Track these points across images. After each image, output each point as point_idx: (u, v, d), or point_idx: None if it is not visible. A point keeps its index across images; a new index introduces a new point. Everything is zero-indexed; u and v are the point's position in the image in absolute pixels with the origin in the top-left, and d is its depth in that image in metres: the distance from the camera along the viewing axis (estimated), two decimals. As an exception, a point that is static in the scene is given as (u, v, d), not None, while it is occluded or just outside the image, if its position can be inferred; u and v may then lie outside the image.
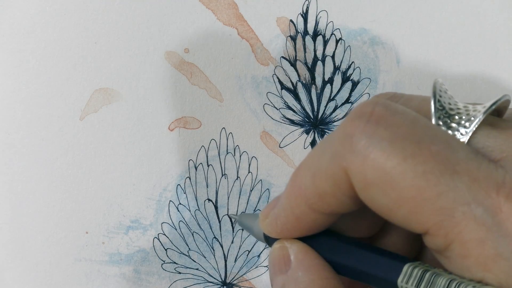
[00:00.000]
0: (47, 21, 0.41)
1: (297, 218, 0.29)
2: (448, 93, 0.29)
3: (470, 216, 0.25)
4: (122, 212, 0.41)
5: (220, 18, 0.42)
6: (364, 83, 0.42)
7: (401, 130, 0.26)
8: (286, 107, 0.42)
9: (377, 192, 0.26)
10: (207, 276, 0.42)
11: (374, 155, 0.25)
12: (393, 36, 0.42)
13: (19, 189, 0.41)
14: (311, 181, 0.28)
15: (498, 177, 0.25)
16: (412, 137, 0.26)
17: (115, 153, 0.41)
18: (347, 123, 0.27)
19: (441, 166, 0.25)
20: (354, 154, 0.26)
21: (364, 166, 0.26)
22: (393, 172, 0.25)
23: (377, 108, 0.27)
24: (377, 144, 0.26)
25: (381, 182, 0.25)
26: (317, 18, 0.42)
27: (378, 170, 0.25)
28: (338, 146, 0.27)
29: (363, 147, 0.26)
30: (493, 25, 0.42)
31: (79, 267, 0.41)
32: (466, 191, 0.25)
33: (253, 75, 0.42)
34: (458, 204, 0.25)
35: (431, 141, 0.26)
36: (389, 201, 0.26)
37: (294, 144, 0.42)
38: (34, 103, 0.41)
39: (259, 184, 0.42)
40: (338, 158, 0.27)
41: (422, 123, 0.27)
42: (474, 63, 0.42)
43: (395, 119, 0.26)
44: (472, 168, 0.25)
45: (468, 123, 0.27)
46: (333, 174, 0.27)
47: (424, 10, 0.42)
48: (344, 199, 0.27)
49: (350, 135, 0.26)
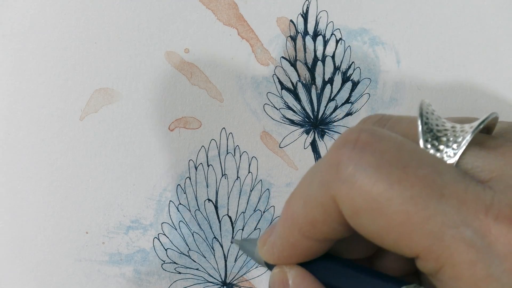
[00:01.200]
0: (47, 21, 0.41)
1: (292, 246, 0.29)
2: (435, 113, 0.29)
3: (460, 239, 0.25)
4: (122, 212, 0.41)
5: (220, 18, 0.42)
6: (364, 83, 0.42)
7: (387, 155, 0.26)
8: (286, 107, 0.42)
9: (366, 219, 0.26)
10: (207, 276, 0.42)
11: (361, 182, 0.26)
12: (393, 36, 0.42)
13: (19, 189, 0.41)
14: (302, 209, 0.28)
15: (487, 199, 0.25)
16: (398, 162, 0.26)
17: (115, 153, 0.41)
18: (333, 151, 0.27)
19: (428, 190, 0.25)
20: (341, 181, 0.26)
21: (352, 193, 0.26)
22: (381, 198, 0.25)
23: (363, 135, 0.27)
24: (363, 170, 0.26)
25: (369, 209, 0.26)
26: (317, 18, 0.42)
27: (366, 197, 0.25)
28: (325, 174, 0.27)
29: (349, 174, 0.26)
30: (493, 25, 0.42)
31: (79, 267, 0.41)
32: (454, 214, 0.25)
33: (253, 75, 0.42)
34: (447, 227, 0.25)
35: (417, 165, 0.26)
36: (378, 227, 0.26)
37: (294, 144, 0.42)
38: (34, 103, 0.41)
39: (259, 184, 0.42)
40: (326, 186, 0.27)
41: (409, 148, 0.27)
42: (474, 63, 0.42)
43: (381, 145, 0.26)
44: (459, 191, 0.25)
45: (456, 144, 0.27)
46: (323, 202, 0.27)
47: (424, 10, 0.42)
48: (335, 226, 0.28)
49: (337, 162, 0.26)
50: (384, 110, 0.42)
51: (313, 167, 0.29)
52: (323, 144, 0.42)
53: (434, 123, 0.28)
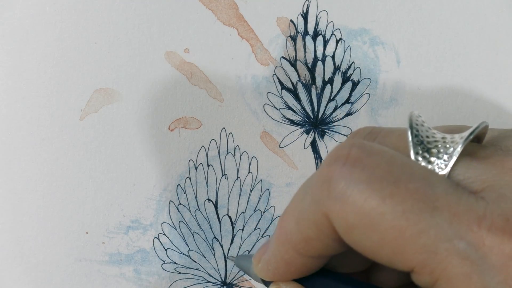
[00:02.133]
0: (47, 21, 0.41)
1: (287, 263, 0.29)
2: (425, 125, 0.29)
3: (454, 252, 0.25)
4: (122, 212, 0.41)
5: (220, 18, 0.42)
6: (364, 83, 0.42)
7: (378, 170, 0.26)
8: (286, 107, 0.42)
9: (359, 235, 0.26)
10: (207, 276, 0.42)
11: (353, 198, 0.25)
12: (393, 36, 0.42)
13: (19, 189, 0.41)
14: (295, 227, 0.28)
15: (479, 210, 0.25)
16: (390, 176, 0.26)
17: (115, 153, 0.41)
18: (324, 167, 0.27)
19: (420, 203, 0.25)
20: (333, 198, 0.26)
21: (344, 210, 0.26)
22: (373, 213, 0.25)
23: (353, 150, 0.27)
24: (355, 186, 0.25)
25: (362, 225, 0.25)
26: (317, 18, 0.42)
27: (358, 213, 0.25)
28: (317, 191, 0.27)
29: (341, 190, 0.26)
30: (493, 25, 0.42)
31: (79, 267, 0.41)
32: (447, 227, 0.25)
33: (253, 75, 0.42)
34: (440, 240, 0.25)
35: (408, 179, 0.26)
36: (372, 243, 0.26)
37: (294, 144, 0.42)
38: (34, 103, 0.41)
39: (259, 184, 0.42)
40: (318, 204, 0.27)
41: (399, 162, 0.26)
42: (474, 63, 0.42)
43: (372, 160, 0.26)
44: (451, 203, 0.25)
45: (447, 155, 0.27)
46: (315, 220, 0.27)
47: (424, 10, 0.42)
48: (329, 243, 0.28)
49: (328, 179, 0.26)
50: (384, 110, 0.42)
51: (305, 184, 0.29)
52: (323, 144, 0.42)
53: (424, 135, 0.28)
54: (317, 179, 0.27)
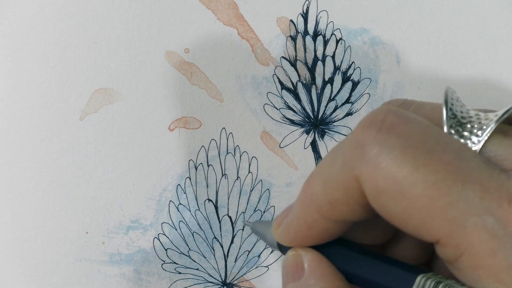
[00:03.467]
0: (47, 21, 0.41)
1: (309, 227, 0.29)
2: (459, 101, 0.29)
3: (482, 227, 0.24)
4: (122, 212, 0.41)
5: (220, 18, 0.42)
6: (364, 83, 0.42)
7: (412, 139, 0.26)
8: (286, 107, 0.42)
9: (389, 201, 0.26)
10: (207, 276, 0.42)
11: (386, 164, 0.25)
12: (393, 36, 0.42)
13: (19, 189, 0.41)
14: (322, 189, 0.28)
15: (510, 188, 0.25)
16: (424, 146, 0.26)
17: (115, 153, 0.41)
18: (358, 131, 0.27)
19: (453, 176, 0.25)
20: (365, 162, 0.26)
21: (376, 174, 0.26)
22: (404, 181, 0.25)
23: (389, 116, 0.26)
24: (388, 153, 0.25)
25: (393, 191, 0.25)
26: (317, 18, 0.42)
27: (390, 179, 0.25)
28: (349, 154, 0.27)
29: (374, 155, 0.26)
30: (493, 25, 0.42)
31: (79, 267, 0.41)
32: (477, 201, 0.25)
33: (253, 75, 0.42)
34: (469, 214, 0.25)
35: (442, 151, 0.26)
36: (400, 210, 0.26)
37: (294, 144, 0.42)
38: (34, 103, 0.41)
39: (259, 184, 0.42)
40: (349, 167, 0.27)
41: (434, 132, 0.26)
42: (474, 63, 0.42)
43: (407, 127, 0.26)
44: (483, 178, 0.25)
45: (480, 131, 0.27)
46: (345, 183, 0.27)
47: (424, 10, 0.42)
48: (355, 207, 0.27)
49: (362, 143, 0.26)
50: (384, 110, 0.42)
51: (336, 146, 0.28)
52: (323, 144, 0.42)
53: (458, 110, 0.28)
54: (350, 142, 0.27)
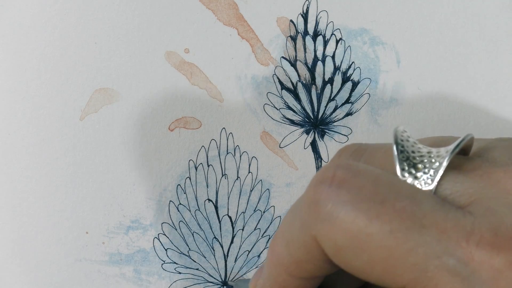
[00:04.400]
0: (47, 21, 0.41)
1: (280, 286, 0.29)
2: (410, 140, 0.29)
3: (443, 269, 0.24)
4: (122, 212, 0.41)
5: (220, 18, 0.42)
6: (364, 83, 0.42)
7: (364, 191, 0.26)
8: (286, 107, 0.42)
9: (349, 256, 0.26)
10: (207, 276, 0.42)
11: (340, 219, 0.25)
12: (393, 36, 0.42)
13: (19, 189, 0.41)
14: (286, 250, 0.28)
15: (467, 225, 0.25)
16: (376, 196, 0.26)
17: (115, 153, 0.41)
18: (310, 189, 0.27)
19: (408, 222, 0.25)
20: (320, 220, 0.26)
21: (332, 231, 0.26)
22: (361, 234, 0.25)
23: (338, 172, 0.27)
24: (341, 208, 0.25)
25: (351, 246, 0.25)
26: (317, 18, 0.42)
27: (346, 234, 0.25)
28: (304, 214, 0.27)
29: (328, 212, 0.26)
30: (493, 25, 0.42)
31: (79, 267, 0.41)
32: (436, 244, 0.25)
33: (253, 75, 0.42)
34: (429, 258, 0.25)
35: (395, 198, 0.26)
36: (362, 263, 0.26)
37: (294, 144, 0.42)
38: (34, 103, 0.41)
39: (259, 184, 0.42)
40: (306, 227, 0.27)
41: (385, 181, 0.26)
42: (474, 63, 0.42)
43: (357, 180, 0.26)
44: (439, 220, 0.25)
45: (433, 170, 0.27)
46: (305, 242, 0.27)
47: (424, 10, 0.42)
48: (320, 264, 0.28)
49: (315, 201, 0.26)
50: (384, 110, 0.42)
51: (293, 207, 0.29)
52: (323, 144, 0.42)
53: (410, 150, 0.28)
54: (304, 201, 0.27)
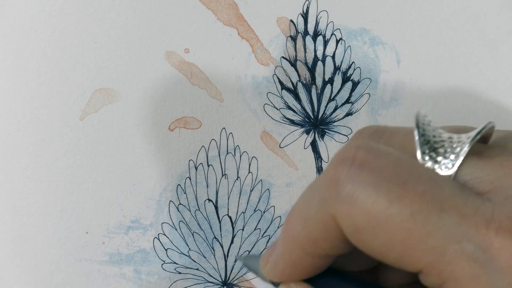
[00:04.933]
0: (47, 21, 0.41)
1: (294, 263, 0.29)
2: (431, 124, 0.29)
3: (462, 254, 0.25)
4: (122, 212, 0.41)
5: (220, 18, 0.42)
6: (365, 83, 0.42)
7: (385, 172, 0.26)
8: (286, 107, 0.42)
9: (367, 236, 0.26)
10: (207, 276, 0.42)
11: (360, 200, 0.25)
12: (393, 36, 0.42)
13: (19, 189, 0.41)
14: (302, 228, 0.28)
15: (486, 212, 0.25)
16: (397, 179, 0.26)
17: (115, 153, 0.41)
18: (331, 169, 0.27)
19: (428, 205, 0.25)
20: (340, 201, 0.26)
21: (352, 212, 0.26)
22: (381, 216, 0.25)
23: (359, 152, 0.27)
24: (362, 189, 0.26)
25: (370, 227, 0.25)
26: (317, 18, 0.42)
27: (366, 215, 0.25)
28: (324, 193, 0.27)
29: (348, 193, 0.26)
30: (493, 25, 0.42)
31: (79, 267, 0.41)
32: (455, 228, 0.25)
33: (253, 75, 0.42)
34: (448, 242, 0.25)
35: (416, 181, 0.26)
36: (380, 244, 0.26)
37: (295, 144, 0.42)
38: (34, 103, 0.41)
39: (259, 184, 0.42)
40: (325, 206, 0.27)
41: (406, 163, 0.26)
42: (474, 63, 0.42)
43: (378, 162, 0.26)
44: (459, 205, 0.25)
45: (454, 155, 0.27)
46: (323, 221, 0.27)
47: (424, 10, 0.42)
48: (336, 243, 0.28)
49: (335, 181, 0.26)
50: (384, 110, 0.42)
51: (312, 185, 0.29)
52: (323, 144, 0.42)
53: (431, 134, 0.28)
54: (324, 180, 0.27)
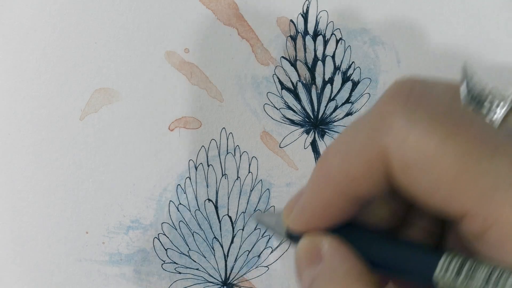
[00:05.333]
0: (47, 21, 0.41)
1: (324, 206, 0.28)
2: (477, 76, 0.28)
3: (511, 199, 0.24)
4: (122, 212, 0.41)
5: (220, 18, 0.42)
6: (365, 83, 0.42)
7: (439, 111, 0.25)
8: (286, 107, 0.42)
9: (416, 173, 0.25)
10: (207, 276, 0.42)
11: (415, 134, 0.25)
12: (393, 36, 0.42)
13: (19, 189, 0.41)
14: (341, 164, 0.27)
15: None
16: (451, 118, 0.25)
17: (115, 153, 0.41)
18: (385, 101, 0.26)
19: (482, 147, 0.25)
20: (393, 133, 0.25)
21: (404, 145, 0.25)
22: (434, 152, 0.25)
23: (416, 86, 0.26)
24: (417, 123, 0.25)
25: (421, 163, 0.25)
26: (317, 18, 0.42)
27: (418, 150, 0.25)
28: (375, 125, 0.26)
29: (403, 126, 0.25)
30: (493, 25, 0.42)
31: (79, 267, 0.41)
32: (506, 173, 0.24)
33: (253, 75, 0.42)
34: (498, 186, 0.24)
35: (469, 123, 0.25)
36: (428, 182, 0.25)
37: (294, 144, 0.42)
38: (34, 103, 0.41)
39: (259, 184, 0.42)
40: (375, 138, 0.26)
41: (459, 106, 0.26)
42: (474, 63, 0.42)
43: (434, 99, 0.26)
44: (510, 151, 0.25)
45: (499, 108, 0.27)
46: (368, 155, 0.26)
47: (424, 10, 0.42)
48: (376, 182, 0.27)
49: (390, 113, 0.26)
50: (384, 110, 0.42)
51: (356, 121, 0.28)
52: (323, 144, 0.42)
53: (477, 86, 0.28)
54: (376, 113, 0.26)
